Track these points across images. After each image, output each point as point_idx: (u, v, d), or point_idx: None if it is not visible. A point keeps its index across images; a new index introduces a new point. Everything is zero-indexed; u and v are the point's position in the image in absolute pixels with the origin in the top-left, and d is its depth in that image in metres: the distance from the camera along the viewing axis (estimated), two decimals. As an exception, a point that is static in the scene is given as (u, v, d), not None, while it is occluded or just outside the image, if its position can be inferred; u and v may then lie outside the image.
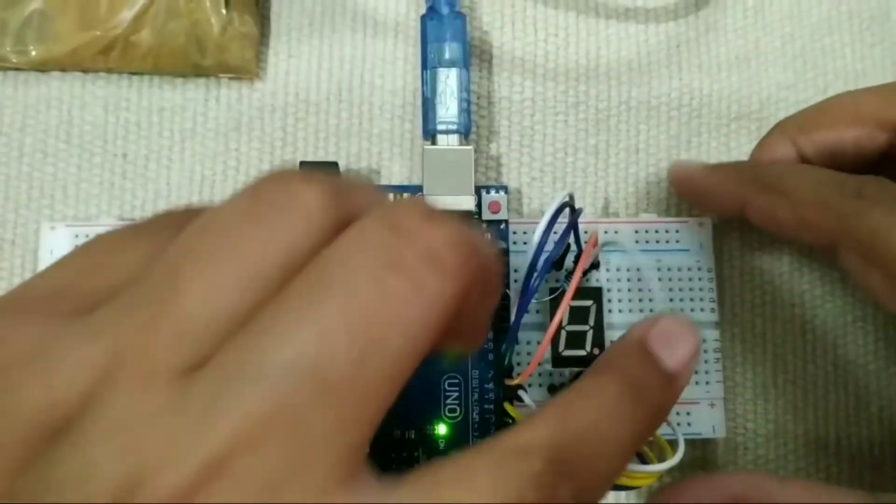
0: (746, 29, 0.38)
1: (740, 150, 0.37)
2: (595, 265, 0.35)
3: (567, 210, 0.31)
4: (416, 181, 0.36)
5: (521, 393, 0.32)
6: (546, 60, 0.38)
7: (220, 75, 0.37)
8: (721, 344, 0.35)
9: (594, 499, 0.20)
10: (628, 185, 0.37)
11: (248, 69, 0.36)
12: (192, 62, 0.36)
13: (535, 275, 0.30)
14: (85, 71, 0.36)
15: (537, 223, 0.31)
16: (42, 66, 0.35)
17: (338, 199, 0.18)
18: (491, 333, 0.33)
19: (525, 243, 0.35)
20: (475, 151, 0.34)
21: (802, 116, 0.33)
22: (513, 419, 0.32)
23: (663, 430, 0.30)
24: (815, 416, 0.36)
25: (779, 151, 0.33)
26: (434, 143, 0.34)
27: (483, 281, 0.19)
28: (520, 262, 0.34)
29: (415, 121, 0.36)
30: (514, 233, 0.35)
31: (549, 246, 0.31)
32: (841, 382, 0.36)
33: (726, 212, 0.35)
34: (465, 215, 0.34)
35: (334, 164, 0.34)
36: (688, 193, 0.36)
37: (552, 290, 0.34)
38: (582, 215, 0.32)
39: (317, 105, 0.37)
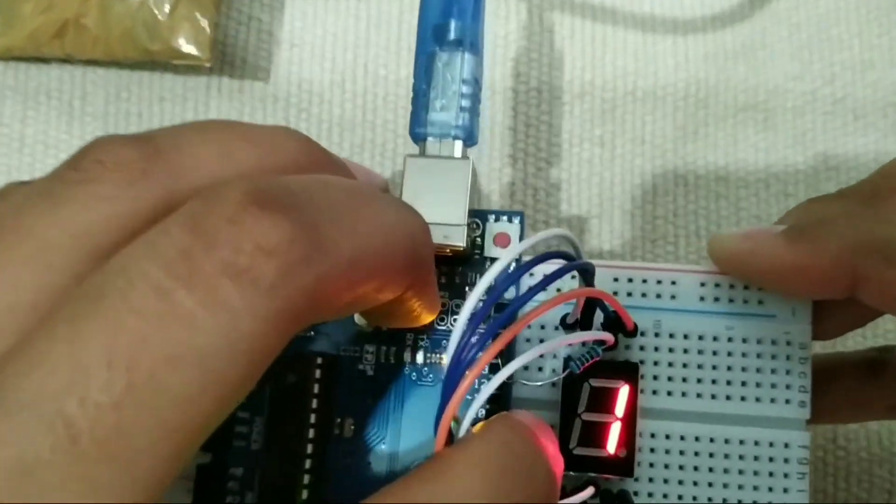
0: (753, 19, 0.37)
1: (747, 141, 0.36)
2: (631, 331, 0.25)
3: (570, 266, 0.22)
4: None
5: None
6: (551, 50, 0.37)
7: (173, 61, 0.35)
8: (810, 454, 0.25)
9: None
10: (634, 176, 0.36)
11: (199, 55, 0.34)
12: (142, 47, 0.34)
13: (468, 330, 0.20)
14: (45, 59, 0.36)
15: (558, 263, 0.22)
16: (6, 54, 0.36)
17: (163, 174, 0.16)
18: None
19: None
20: (475, 172, 0.26)
21: (873, 183, 0.24)
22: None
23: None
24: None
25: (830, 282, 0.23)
26: (423, 151, 0.26)
27: (375, 270, 0.17)
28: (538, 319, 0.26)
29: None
30: (532, 275, 0.26)
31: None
32: None
33: (820, 294, 0.25)
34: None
35: None
36: (756, 274, 0.25)
37: (565, 364, 0.25)
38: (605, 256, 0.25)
39: (320, 95, 0.36)
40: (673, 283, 0.26)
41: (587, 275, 0.23)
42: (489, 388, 0.21)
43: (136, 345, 0.14)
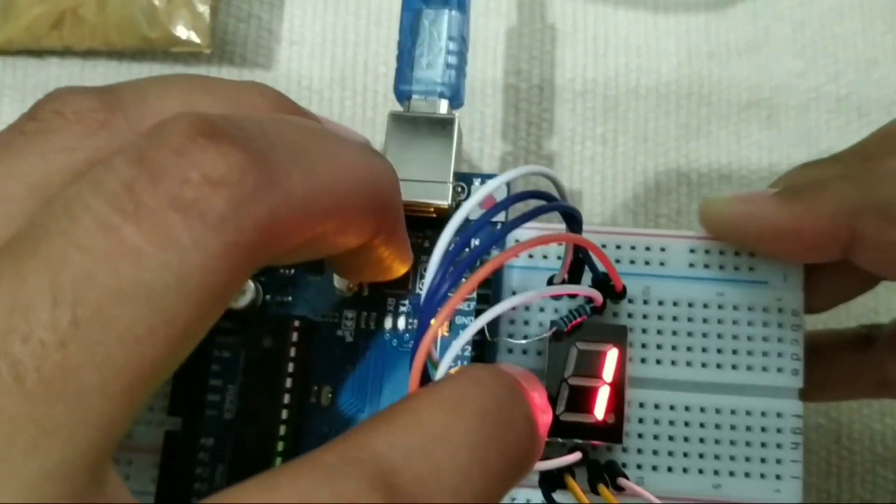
0: (756, 16, 0.37)
1: (750, 138, 0.36)
2: (620, 293, 0.25)
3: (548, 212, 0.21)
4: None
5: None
6: (553, 48, 0.36)
7: (172, 49, 0.35)
8: (804, 423, 0.24)
9: None
10: (636, 174, 0.35)
11: (198, 42, 0.34)
12: (140, 35, 0.34)
13: (439, 271, 0.19)
14: (43, 54, 0.36)
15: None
16: (6, 47, 0.35)
17: (124, 125, 0.16)
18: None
19: (531, 256, 0.26)
20: (460, 132, 0.25)
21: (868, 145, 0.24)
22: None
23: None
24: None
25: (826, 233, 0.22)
26: (408, 111, 0.26)
27: (333, 210, 0.17)
28: (521, 282, 0.25)
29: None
30: (518, 240, 0.26)
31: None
32: None
33: (814, 256, 0.24)
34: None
35: None
36: (750, 237, 0.25)
37: (552, 325, 0.24)
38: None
39: (319, 93, 0.36)
40: (662, 249, 0.25)
41: (574, 223, 0.22)
42: (469, 332, 0.20)
43: (82, 281, 0.13)
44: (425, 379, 0.19)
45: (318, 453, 0.15)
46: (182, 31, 0.34)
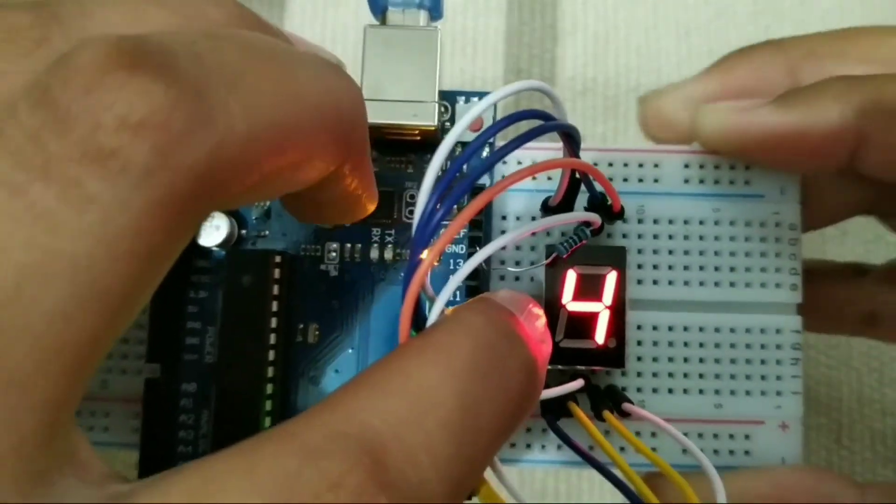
0: (757, 15, 0.37)
1: None
2: (618, 213, 0.24)
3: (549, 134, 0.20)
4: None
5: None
6: (553, 47, 0.37)
7: None
8: (803, 338, 0.24)
9: None
10: None
11: None
12: None
13: (433, 197, 0.17)
14: None
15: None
16: None
17: (62, 42, 0.14)
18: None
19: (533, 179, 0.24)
20: (442, 48, 0.24)
21: (816, 41, 0.24)
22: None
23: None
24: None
25: (768, 77, 0.24)
26: (384, 23, 0.24)
27: (285, 144, 0.15)
28: (514, 206, 0.24)
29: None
30: (505, 163, 0.25)
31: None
32: None
33: (817, 163, 0.23)
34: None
35: None
36: (751, 145, 0.23)
37: (549, 251, 0.23)
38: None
39: None
40: (655, 165, 0.25)
41: (572, 143, 0.21)
42: (464, 271, 0.19)
43: None
44: (418, 318, 0.18)
45: (301, 426, 0.14)
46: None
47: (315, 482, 0.12)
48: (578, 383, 0.23)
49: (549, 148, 0.24)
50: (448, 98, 0.24)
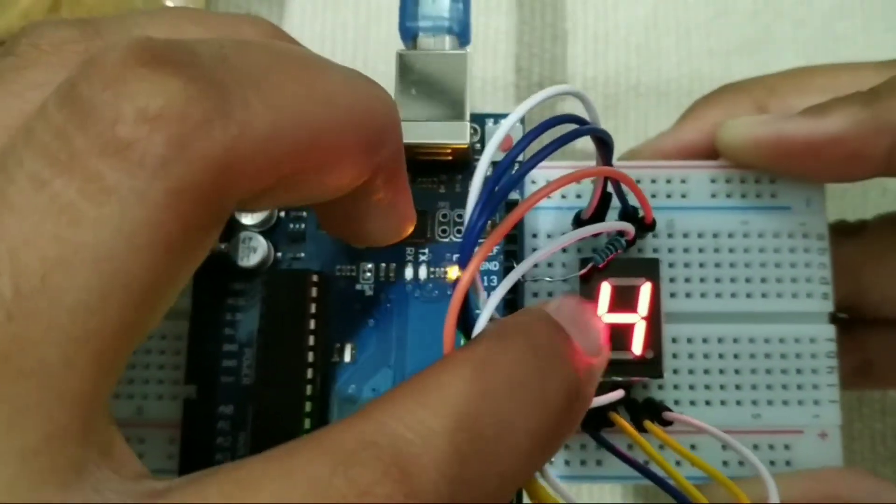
0: (757, 13, 0.37)
1: None
2: (650, 225, 0.24)
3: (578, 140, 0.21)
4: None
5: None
6: (554, 46, 0.36)
7: None
8: (838, 347, 0.24)
9: None
10: None
11: None
12: None
13: (478, 208, 0.17)
14: None
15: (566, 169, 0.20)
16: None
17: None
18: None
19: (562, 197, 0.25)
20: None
21: (775, 79, 0.26)
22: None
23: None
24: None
25: (739, 115, 0.24)
26: (414, 48, 0.24)
27: (310, 145, 0.15)
28: (545, 224, 0.24)
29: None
30: (534, 182, 0.25)
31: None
32: None
33: (849, 172, 0.23)
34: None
35: None
36: (782, 157, 0.23)
37: (583, 263, 0.23)
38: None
39: None
40: (683, 181, 0.25)
41: (605, 149, 0.21)
42: (504, 286, 0.18)
43: (20, 248, 0.12)
44: (467, 321, 0.18)
45: (336, 434, 0.14)
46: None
47: (344, 489, 0.13)
48: (619, 394, 0.23)
49: (571, 167, 0.24)
50: (477, 120, 0.25)
